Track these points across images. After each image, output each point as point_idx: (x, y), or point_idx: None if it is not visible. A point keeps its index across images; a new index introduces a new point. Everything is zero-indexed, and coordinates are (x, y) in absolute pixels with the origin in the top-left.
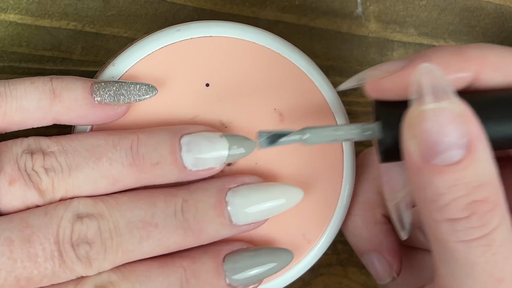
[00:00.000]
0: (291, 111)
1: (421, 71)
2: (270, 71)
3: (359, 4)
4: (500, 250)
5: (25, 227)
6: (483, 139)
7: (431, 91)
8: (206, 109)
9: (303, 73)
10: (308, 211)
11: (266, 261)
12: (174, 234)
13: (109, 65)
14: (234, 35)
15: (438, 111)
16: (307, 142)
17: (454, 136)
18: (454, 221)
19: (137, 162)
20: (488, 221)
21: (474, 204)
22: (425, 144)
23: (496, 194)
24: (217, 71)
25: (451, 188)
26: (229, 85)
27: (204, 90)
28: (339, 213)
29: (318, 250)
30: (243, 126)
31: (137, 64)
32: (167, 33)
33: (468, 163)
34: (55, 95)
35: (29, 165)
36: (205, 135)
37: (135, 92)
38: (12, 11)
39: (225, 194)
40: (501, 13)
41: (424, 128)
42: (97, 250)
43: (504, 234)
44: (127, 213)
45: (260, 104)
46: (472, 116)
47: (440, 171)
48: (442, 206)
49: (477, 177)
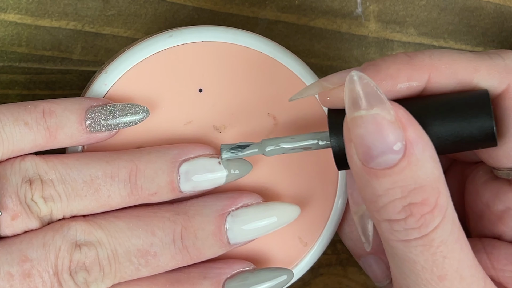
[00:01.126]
0: (285, 115)
1: (351, 79)
2: (263, 75)
3: (359, 4)
4: (439, 249)
5: (24, 260)
6: (422, 142)
7: (362, 98)
8: (200, 115)
9: (296, 76)
10: (304, 214)
11: (267, 283)
12: (172, 260)
13: (101, 72)
14: (226, 40)
15: (370, 117)
16: (266, 154)
17: (387, 142)
18: (392, 222)
19: (135, 192)
20: (426, 222)
21: (411, 206)
22: (361, 148)
23: (435, 196)
24: (210, 76)
25: (388, 190)
26: (222, 90)
27: (197, 95)
28: (335, 215)
29: (314, 253)
30: (236, 131)
31: (130, 71)
32: (159, 39)
33: (404, 166)
34: (50, 135)
35: (28, 195)
36: (204, 163)
37: (128, 117)
38: (12, 11)
39: (224, 220)
40: (501, 13)
41: (358, 133)
42: (95, 276)
43: (444, 234)
44: (126, 241)
45: (253, 109)
46: (410, 120)
47: (377, 174)
48: (380, 207)
49: (413, 180)
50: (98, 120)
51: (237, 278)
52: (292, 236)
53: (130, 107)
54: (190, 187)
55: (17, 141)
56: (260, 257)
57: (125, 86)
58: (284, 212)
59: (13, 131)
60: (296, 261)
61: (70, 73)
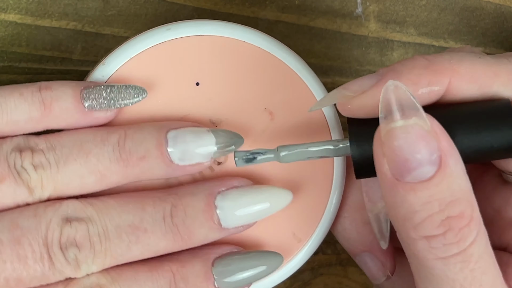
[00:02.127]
0: (281, 110)
1: (387, 89)
2: (260, 70)
3: (359, 4)
4: (477, 265)
5: (15, 228)
6: (455, 154)
7: (399, 108)
8: (196, 108)
9: (293, 72)
10: (298, 210)
11: (256, 265)
12: (163, 239)
13: (99, 64)
14: (224, 34)
15: (407, 128)
16: (282, 160)
17: (424, 153)
18: (430, 238)
19: (124, 156)
20: (464, 236)
21: (449, 220)
22: (396, 162)
23: (470, 209)
24: (207, 70)
25: (425, 205)
26: (219, 84)
27: (194, 89)
28: (330, 211)
29: (308, 249)
30: (233, 125)
31: (128, 63)
32: (157, 32)
33: (441, 179)
34: (45, 107)
35: (18, 162)
36: (192, 130)
37: (125, 96)
38: (12, 11)
39: (214, 198)
40: (501, 13)
41: (394, 146)
42: (85, 253)
43: (480, 249)
44: (116, 217)
45: (250, 103)
46: (442, 131)
47: (413, 188)
48: (417, 224)
49: (450, 193)
50: (95, 96)
51: (227, 258)
52: (286, 232)
53: (127, 87)
54: (179, 152)
55: (11, 111)
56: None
57: (123, 78)
58: (276, 195)
59: (8, 101)
60: (290, 257)
61: (70, 73)
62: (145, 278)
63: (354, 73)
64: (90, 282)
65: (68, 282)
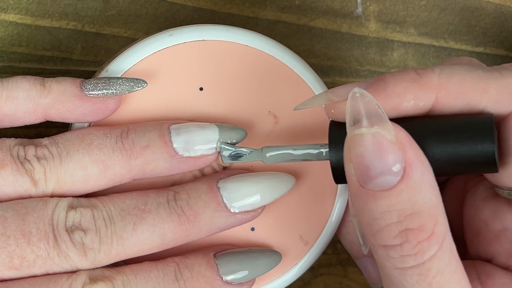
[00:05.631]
0: (285, 114)
1: (353, 96)
2: (263, 73)
3: (359, 4)
4: (435, 280)
5: (20, 207)
6: (421, 166)
7: (365, 116)
8: (200, 113)
9: (297, 75)
10: (305, 213)
11: (256, 258)
12: (168, 220)
13: (102, 71)
14: (227, 38)
15: (370, 136)
16: (266, 160)
17: (386, 162)
18: (388, 248)
19: (127, 146)
20: (422, 250)
21: (408, 231)
22: (359, 168)
23: (432, 223)
24: (211, 75)
25: (384, 214)
26: (223, 88)
27: (198, 94)
28: (336, 214)
29: (315, 252)
30: None
31: (131, 70)
32: (160, 37)
33: (402, 189)
34: (44, 87)
35: (21, 154)
36: (194, 123)
37: (123, 82)
38: (12, 11)
39: (216, 182)
40: (501, 13)
41: (357, 152)
42: (91, 237)
43: (441, 264)
44: (120, 203)
45: (254, 107)
46: (410, 142)
47: (374, 196)
48: (376, 232)
49: (411, 205)
50: (93, 81)
51: (228, 252)
52: (293, 235)
53: (126, 77)
54: (182, 141)
55: (12, 87)
56: None
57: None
58: (278, 178)
59: (10, 80)
60: (296, 260)
61: (70, 73)
62: (150, 268)
63: (354, 73)
64: (96, 273)
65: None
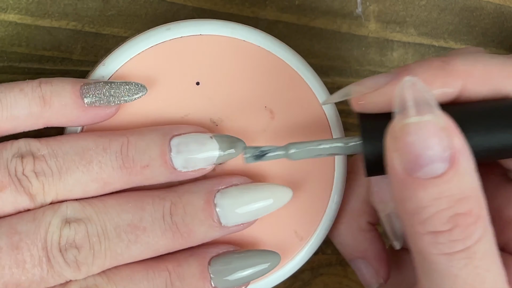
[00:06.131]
0: (282, 109)
1: (404, 85)
2: (260, 69)
3: (359, 4)
4: (481, 263)
5: (13, 233)
6: (466, 152)
7: (414, 105)
8: (197, 108)
9: (294, 70)
10: (300, 208)
11: (254, 263)
12: (162, 237)
13: (99, 65)
14: (224, 33)
15: (421, 124)
16: (291, 157)
17: (437, 149)
18: (437, 234)
19: (127, 164)
20: (470, 234)
21: (457, 217)
22: (408, 157)
23: (478, 207)
24: (207, 70)
25: (434, 201)
26: (219, 83)
27: (195, 88)
28: (331, 210)
29: (310, 247)
30: (233, 124)
31: (128, 63)
32: (157, 32)
33: (451, 176)
34: (45, 102)
35: (19, 169)
36: (195, 137)
37: (124, 93)
38: (12, 11)
39: (213, 196)
40: (501, 13)
41: (407, 141)
42: (85, 254)
43: (485, 247)
44: (115, 217)
45: (250, 102)
46: (456, 129)
47: (423, 184)
48: (425, 219)
49: (460, 190)
50: (94, 91)
51: (224, 257)
52: (288, 230)
53: (127, 83)
54: (182, 160)
55: (11, 106)
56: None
57: (123, 79)
58: (275, 192)
59: (8, 96)
60: (291, 255)
61: (70, 73)
62: (141, 277)
63: (354, 73)
64: (87, 282)
65: (66, 284)
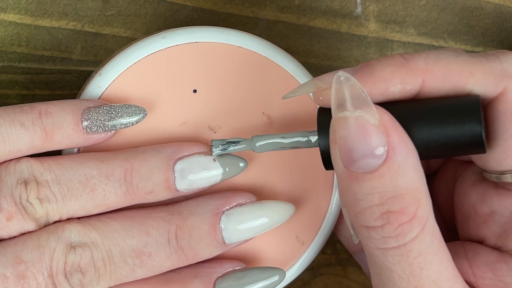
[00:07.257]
0: (279, 114)
1: (337, 79)
2: (257, 74)
3: (359, 4)
4: (416, 261)
5: (19, 262)
6: (405, 149)
7: (349, 99)
8: (195, 115)
9: (290, 75)
10: (301, 213)
11: (258, 280)
12: (167, 260)
13: (96, 75)
14: (219, 40)
15: (353, 119)
16: (255, 150)
17: (369, 145)
18: (370, 229)
19: (131, 191)
20: (403, 232)
21: (389, 214)
22: (343, 151)
23: (415, 206)
24: (204, 77)
25: (367, 195)
26: (216, 90)
27: (192, 96)
28: (332, 214)
29: (311, 252)
30: (231, 130)
31: (124, 73)
32: (153, 40)
33: (384, 172)
34: (47, 135)
35: (24, 196)
36: (198, 160)
37: (126, 123)
38: (12, 11)
39: (219, 219)
40: (500, 13)
41: (341, 134)
42: (90, 278)
43: (422, 246)
44: (120, 242)
45: (248, 108)
46: (394, 125)
47: (357, 177)
48: (358, 212)
49: (392, 187)
50: (95, 120)
51: (229, 278)
52: (289, 235)
53: (127, 108)
54: (186, 185)
55: (14, 142)
56: (256, 256)
57: (120, 88)
58: (278, 211)
59: (10, 132)
60: (293, 260)
61: (70, 73)
62: None
63: None
64: None
65: None
